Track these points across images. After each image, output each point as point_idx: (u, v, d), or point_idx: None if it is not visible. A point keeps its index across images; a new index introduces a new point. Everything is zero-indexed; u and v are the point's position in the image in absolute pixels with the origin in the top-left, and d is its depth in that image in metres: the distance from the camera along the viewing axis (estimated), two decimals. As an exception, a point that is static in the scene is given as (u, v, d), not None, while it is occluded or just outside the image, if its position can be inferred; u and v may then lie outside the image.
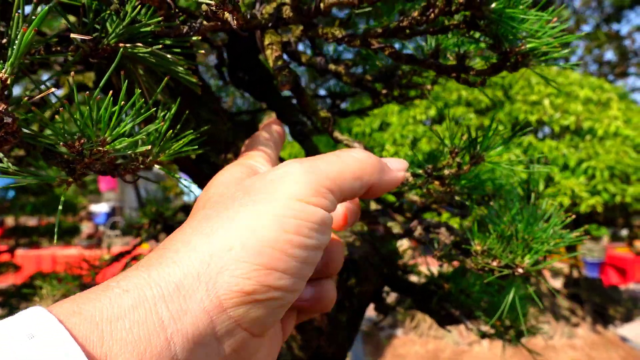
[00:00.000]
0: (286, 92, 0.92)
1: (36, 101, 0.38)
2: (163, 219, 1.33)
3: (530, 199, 0.81)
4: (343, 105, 1.22)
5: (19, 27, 0.33)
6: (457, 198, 0.75)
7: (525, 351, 3.55)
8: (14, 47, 0.33)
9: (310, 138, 0.95)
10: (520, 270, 0.64)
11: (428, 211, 1.04)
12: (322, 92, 1.32)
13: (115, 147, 0.40)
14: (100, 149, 0.40)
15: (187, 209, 1.39)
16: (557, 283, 5.77)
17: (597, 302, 4.96)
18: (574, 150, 3.92)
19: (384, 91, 0.94)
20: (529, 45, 0.60)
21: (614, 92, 4.53)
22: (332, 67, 0.90)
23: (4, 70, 0.33)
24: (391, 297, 1.30)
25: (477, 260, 0.67)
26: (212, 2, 0.43)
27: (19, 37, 0.34)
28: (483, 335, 1.05)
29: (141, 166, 0.45)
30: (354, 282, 0.91)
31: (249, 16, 0.57)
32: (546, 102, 4.19)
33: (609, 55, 14.48)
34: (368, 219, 0.92)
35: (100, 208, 15.48)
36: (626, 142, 3.96)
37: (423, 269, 1.20)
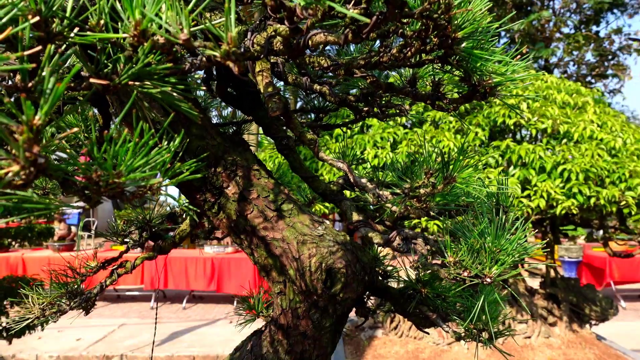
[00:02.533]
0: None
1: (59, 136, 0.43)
2: (150, 227, 1.38)
3: (499, 212, 0.88)
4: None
5: (50, 79, 0.38)
6: (432, 213, 0.82)
7: (504, 350, 3.61)
8: (46, 96, 0.38)
9: (295, 151, 1.01)
10: (488, 280, 0.71)
11: (407, 219, 1.11)
12: (300, 104, 1.38)
13: (130, 179, 0.45)
14: (117, 180, 0.45)
15: (173, 216, 1.44)
16: (535, 283, 5.91)
17: (574, 301, 5.10)
18: (551, 153, 4.04)
19: (366, 109, 1.00)
20: (494, 80, 0.66)
21: (590, 96, 4.67)
22: (317, 87, 0.95)
23: (37, 118, 0.38)
24: (372, 300, 1.36)
25: (450, 271, 0.73)
26: (218, 54, 0.48)
27: (51, 88, 0.39)
28: (458, 338, 1.12)
29: (148, 192, 0.50)
30: (338, 289, 0.97)
31: (242, 50, 0.63)
32: (524, 105, 4.31)
33: (588, 56, 14.80)
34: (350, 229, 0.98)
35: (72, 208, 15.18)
36: (601, 145, 4.10)
37: (402, 273, 1.27)
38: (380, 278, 1.16)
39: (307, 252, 0.93)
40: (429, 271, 0.79)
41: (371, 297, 1.29)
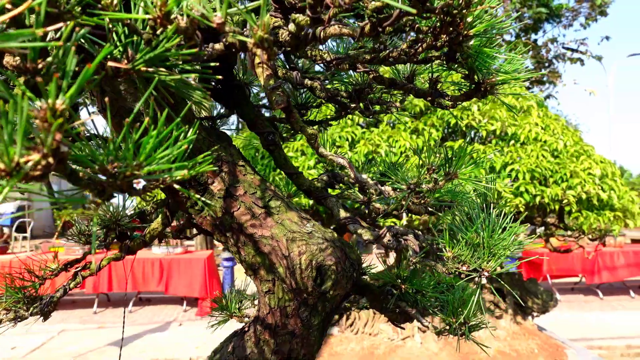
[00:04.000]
0: (254, 101, 0.95)
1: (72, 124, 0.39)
2: (118, 226, 1.31)
3: (489, 208, 0.91)
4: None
5: (71, 59, 0.35)
6: (429, 209, 0.83)
7: (454, 344, 3.80)
8: (69, 78, 0.35)
9: (280, 147, 0.99)
10: (486, 274, 0.72)
11: (390, 217, 1.12)
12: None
13: (151, 171, 0.42)
14: (136, 172, 0.42)
15: (143, 215, 1.38)
16: (482, 279, 6.16)
17: (518, 295, 5.36)
18: (499, 154, 4.22)
19: (353, 105, 1.00)
20: (499, 78, 0.68)
21: (534, 100, 4.92)
22: (307, 82, 0.94)
23: (61, 102, 0.34)
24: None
25: (449, 265, 0.74)
26: (251, 41, 0.46)
27: (71, 69, 0.35)
28: (438, 332, 1.14)
29: (161, 185, 0.47)
30: (329, 286, 0.96)
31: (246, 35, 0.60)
32: (475, 108, 4.47)
33: (527, 63, 15.58)
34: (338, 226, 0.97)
35: (5, 208, 14.27)
36: (544, 147, 4.32)
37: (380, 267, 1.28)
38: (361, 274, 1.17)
39: (297, 249, 0.91)
40: (427, 267, 0.80)
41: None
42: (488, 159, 3.99)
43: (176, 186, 0.51)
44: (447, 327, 1.13)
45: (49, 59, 0.38)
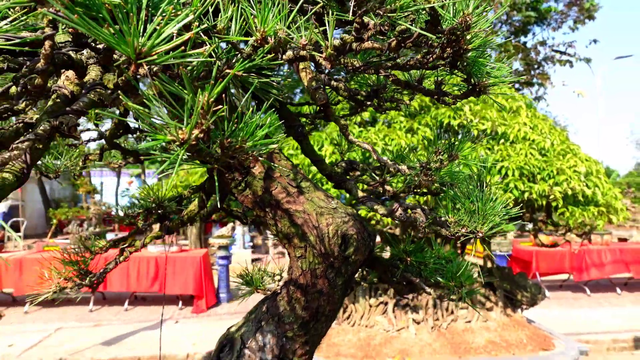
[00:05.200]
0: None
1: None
2: (161, 207, 1.49)
3: (483, 185, 1.11)
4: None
5: (215, 71, 0.54)
6: (435, 185, 1.03)
7: (447, 335, 4.05)
8: (214, 81, 0.54)
9: (307, 138, 1.19)
10: (480, 234, 0.92)
11: (395, 198, 1.32)
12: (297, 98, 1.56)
13: (252, 144, 0.61)
14: (243, 145, 0.61)
15: (180, 200, 1.56)
16: (474, 273, 6.39)
17: (507, 288, 5.59)
18: (490, 152, 4.44)
19: (368, 102, 1.20)
20: (490, 81, 0.88)
21: (523, 101, 5.16)
22: (333, 83, 1.14)
23: (211, 97, 0.53)
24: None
25: (451, 229, 0.94)
26: (323, 55, 0.66)
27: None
28: (440, 297, 1.33)
29: (259, 157, 0.66)
30: (351, 251, 1.16)
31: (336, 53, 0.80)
32: (466, 108, 4.70)
33: (516, 65, 15.94)
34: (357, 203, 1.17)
35: (-1, 208, 14.30)
36: (533, 145, 4.55)
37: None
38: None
39: (325, 221, 1.11)
40: (433, 232, 1.00)
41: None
42: (479, 156, 4.21)
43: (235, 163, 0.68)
44: (447, 291, 1.32)
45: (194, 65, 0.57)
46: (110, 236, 11.64)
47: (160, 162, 0.56)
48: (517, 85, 15.81)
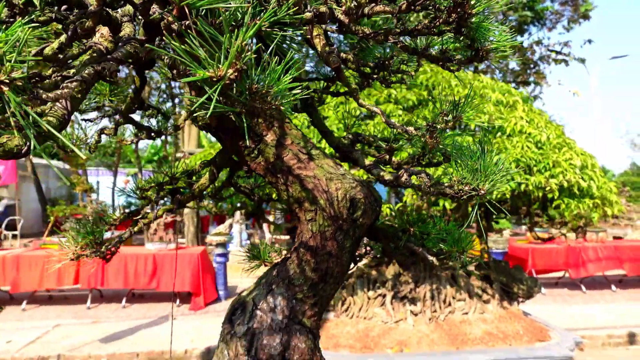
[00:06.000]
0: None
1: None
2: (174, 180, 1.53)
3: (485, 150, 1.17)
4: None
5: (247, 18, 0.59)
6: (440, 146, 1.09)
7: (444, 326, 4.13)
8: (244, 29, 0.59)
9: (317, 109, 1.25)
10: (482, 192, 0.98)
11: (399, 169, 1.38)
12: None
13: (277, 90, 0.67)
14: (270, 90, 0.66)
15: (191, 174, 1.61)
16: (471, 266, 6.46)
17: (504, 281, 5.66)
18: (487, 145, 4.52)
19: (375, 75, 1.26)
20: (492, 46, 0.94)
21: (519, 96, 5.24)
22: (342, 55, 1.20)
23: (244, 41, 0.59)
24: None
25: (455, 187, 1.00)
26: (342, 10, 0.72)
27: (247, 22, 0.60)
28: (443, 258, 1.38)
29: (279, 105, 0.71)
30: (359, 214, 1.22)
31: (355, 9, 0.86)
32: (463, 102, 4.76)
33: (512, 64, 16.07)
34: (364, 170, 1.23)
35: (-5, 207, 14.33)
36: (529, 138, 4.63)
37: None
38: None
39: (334, 186, 1.16)
40: (438, 193, 1.05)
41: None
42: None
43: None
44: (449, 256, 1.38)
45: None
46: (107, 235, 11.64)
47: (191, 104, 0.62)
48: (513, 85, 15.93)
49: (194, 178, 1.55)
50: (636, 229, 14.33)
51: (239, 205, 4.96)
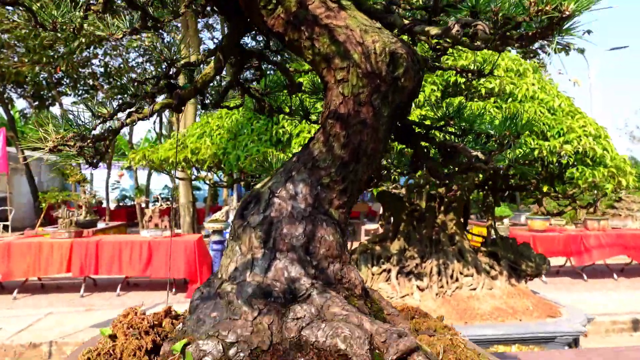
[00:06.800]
0: None
1: None
2: (173, 64, 1.30)
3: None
4: None
5: None
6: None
7: (452, 302, 3.88)
8: None
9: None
10: (567, 13, 0.78)
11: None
12: None
13: None
14: None
15: (192, 65, 1.38)
16: (477, 243, 6.28)
17: (511, 258, 5.47)
18: (498, 110, 4.32)
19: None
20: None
21: (530, 66, 5.06)
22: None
23: None
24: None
25: (531, 9, 0.79)
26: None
27: None
28: (485, 154, 1.18)
29: None
30: (401, 72, 1.01)
31: None
32: (473, 67, 4.57)
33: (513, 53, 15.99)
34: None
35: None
36: (541, 104, 4.44)
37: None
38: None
39: (370, 38, 0.96)
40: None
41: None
42: (488, 113, 4.09)
43: None
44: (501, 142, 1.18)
45: None
46: (100, 225, 11.40)
47: None
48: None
49: (195, 73, 1.34)
50: (636, 219, 14.21)
51: (238, 176, 4.75)
